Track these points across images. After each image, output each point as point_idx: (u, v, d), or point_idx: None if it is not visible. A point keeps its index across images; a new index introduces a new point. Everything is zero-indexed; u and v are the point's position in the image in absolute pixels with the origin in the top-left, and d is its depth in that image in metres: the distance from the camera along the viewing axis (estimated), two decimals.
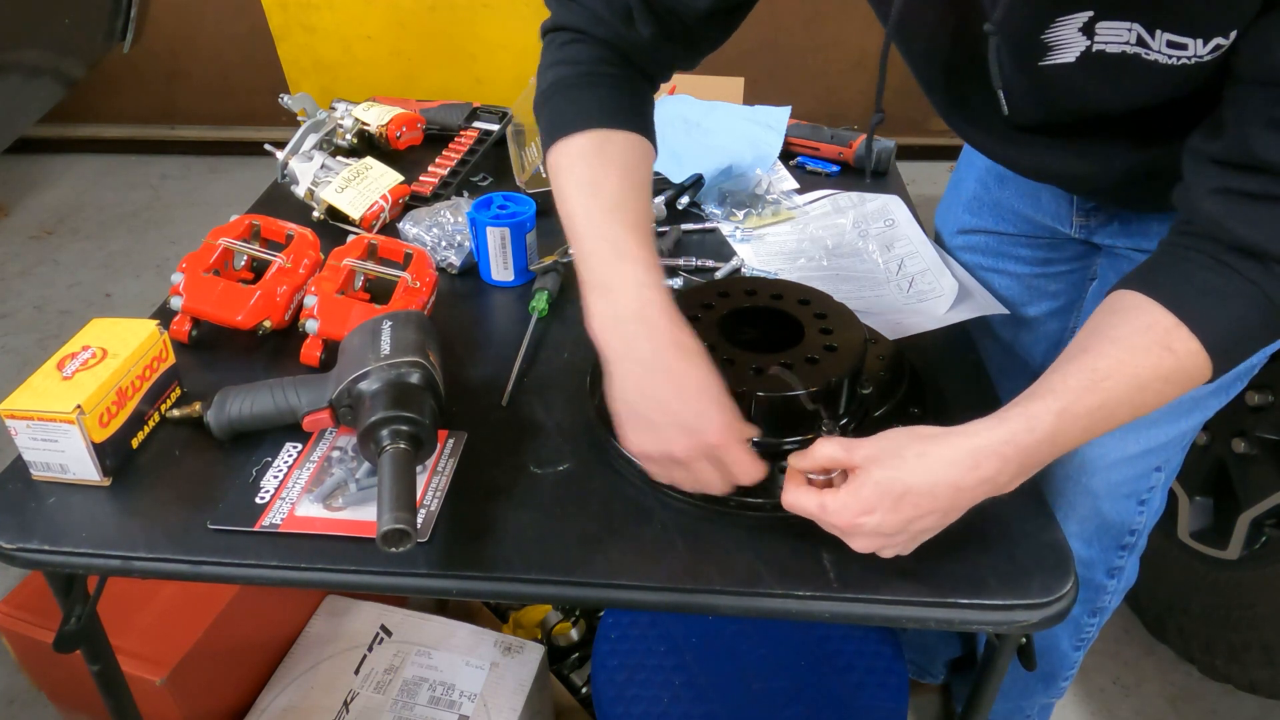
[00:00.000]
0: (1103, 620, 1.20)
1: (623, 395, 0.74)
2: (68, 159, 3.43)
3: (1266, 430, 1.43)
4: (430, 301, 1.04)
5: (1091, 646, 1.23)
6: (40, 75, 2.35)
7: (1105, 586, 1.15)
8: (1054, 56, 0.74)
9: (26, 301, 2.65)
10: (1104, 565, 1.12)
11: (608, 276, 0.76)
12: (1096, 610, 1.18)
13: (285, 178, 1.26)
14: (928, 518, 0.69)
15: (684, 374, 0.72)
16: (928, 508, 0.68)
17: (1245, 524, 1.46)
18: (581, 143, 0.81)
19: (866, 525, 0.68)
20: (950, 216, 1.22)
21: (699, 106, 1.49)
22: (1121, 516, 1.08)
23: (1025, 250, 1.14)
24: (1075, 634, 1.21)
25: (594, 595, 0.75)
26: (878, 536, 0.70)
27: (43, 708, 1.53)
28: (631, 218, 0.78)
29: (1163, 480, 1.06)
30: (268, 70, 2.40)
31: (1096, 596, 1.16)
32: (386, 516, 0.68)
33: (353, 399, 0.81)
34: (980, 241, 1.17)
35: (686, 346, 0.73)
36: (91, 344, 0.83)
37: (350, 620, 1.31)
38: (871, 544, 0.71)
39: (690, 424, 0.71)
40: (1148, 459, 1.03)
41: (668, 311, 0.74)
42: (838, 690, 1.17)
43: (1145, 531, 1.11)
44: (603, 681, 1.18)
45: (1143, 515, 1.09)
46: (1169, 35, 0.66)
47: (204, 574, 0.77)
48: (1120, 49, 0.69)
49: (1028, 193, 1.09)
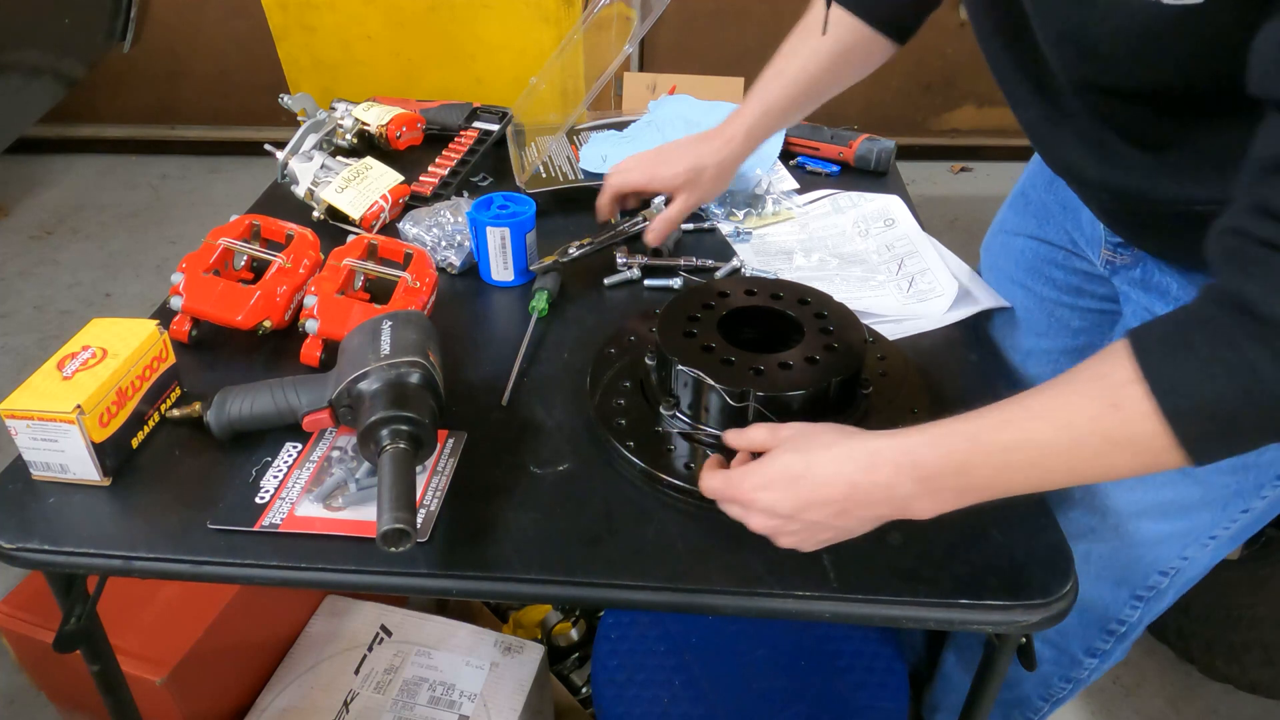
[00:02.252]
0: (1077, 689, 1.13)
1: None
2: (68, 159, 3.43)
3: None
4: (430, 301, 1.04)
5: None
6: (40, 75, 2.35)
7: (1081, 662, 1.08)
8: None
9: (26, 301, 2.65)
10: (1081, 642, 1.06)
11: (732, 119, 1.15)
12: (1070, 679, 1.11)
13: (285, 178, 1.26)
14: (822, 509, 0.68)
15: (692, 151, 1.17)
16: (822, 497, 0.67)
17: None
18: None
19: (761, 500, 0.70)
20: (1000, 215, 1.20)
21: (699, 106, 1.49)
22: (1106, 603, 1.01)
23: (1059, 273, 1.09)
24: (1043, 687, 1.14)
25: (594, 595, 0.75)
26: (773, 516, 0.70)
27: (43, 708, 1.53)
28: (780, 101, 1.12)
29: (1169, 584, 0.97)
30: (268, 70, 2.40)
31: (1072, 666, 1.09)
32: (386, 516, 0.68)
33: (352, 399, 0.81)
34: (1019, 247, 1.13)
35: (717, 150, 1.16)
36: (91, 344, 0.83)
37: (350, 620, 1.31)
38: (766, 524, 0.71)
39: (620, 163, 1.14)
40: (1147, 551, 0.95)
41: (744, 137, 1.14)
42: (838, 690, 1.17)
43: (1141, 625, 1.02)
44: (603, 681, 1.18)
45: (1138, 611, 1.01)
46: None
47: (204, 574, 0.77)
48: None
49: (1071, 205, 1.03)
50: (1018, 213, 1.15)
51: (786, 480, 0.69)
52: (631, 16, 1.37)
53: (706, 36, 3.30)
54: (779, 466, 0.70)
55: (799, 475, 0.68)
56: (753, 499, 0.70)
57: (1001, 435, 0.63)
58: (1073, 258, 1.08)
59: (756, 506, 0.71)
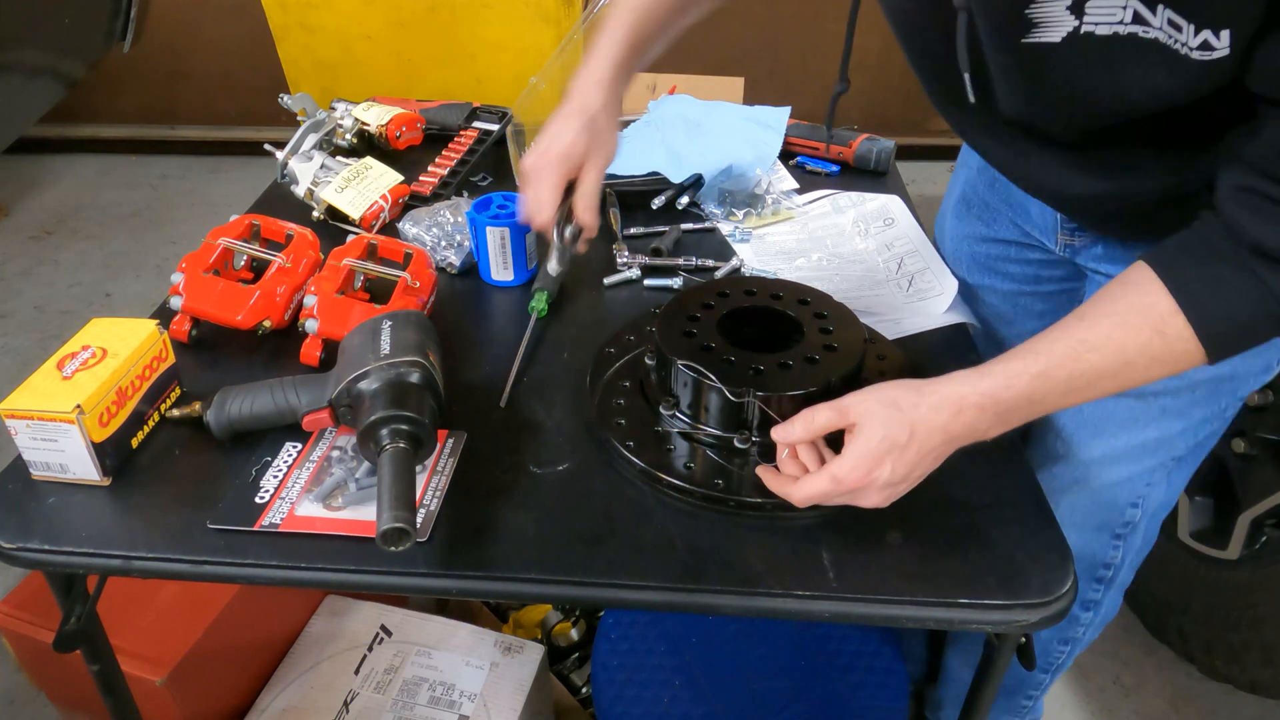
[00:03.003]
0: (1076, 650, 1.17)
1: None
2: (68, 159, 3.43)
3: (1266, 430, 1.43)
4: (430, 301, 1.04)
5: (1091, 646, 1.22)
6: (40, 75, 2.35)
7: (1078, 617, 1.13)
8: (1037, 35, 0.70)
9: (26, 301, 2.65)
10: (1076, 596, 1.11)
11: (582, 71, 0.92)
12: (1068, 639, 1.15)
13: (285, 178, 1.26)
14: (926, 461, 0.72)
15: (582, 126, 0.92)
16: (928, 450, 0.71)
17: (1245, 524, 1.46)
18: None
19: (881, 477, 0.70)
20: (943, 223, 1.21)
21: (699, 106, 1.49)
22: (1094, 550, 1.06)
23: (1015, 266, 1.11)
24: (1042, 657, 1.17)
25: (594, 595, 0.75)
26: (887, 486, 0.71)
27: (43, 707, 1.53)
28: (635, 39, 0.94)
29: (1141, 516, 1.04)
30: (268, 70, 2.39)
31: (1068, 625, 1.13)
32: (386, 515, 0.68)
33: (352, 398, 0.81)
34: (969, 252, 1.15)
35: (596, 123, 0.92)
36: (91, 344, 0.83)
37: (350, 620, 1.31)
38: (882, 496, 0.72)
39: (545, 144, 0.91)
40: (1117, 492, 1.01)
41: (605, 100, 0.92)
42: (838, 690, 1.17)
43: (1125, 567, 1.09)
44: (603, 681, 1.18)
45: (1118, 550, 1.06)
46: (1170, 13, 0.63)
47: (204, 574, 0.76)
48: (1112, 30, 0.66)
49: (1017, 201, 1.06)
50: (961, 218, 1.16)
51: (896, 450, 0.70)
52: None
53: (706, 36, 3.29)
54: (880, 439, 0.70)
55: (905, 441, 0.70)
56: (873, 479, 0.70)
57: (1066, 369, 0.71)
58: (1026, 250, 1.09)
59: (876, 486, 0.71)
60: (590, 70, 0.93)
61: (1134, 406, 0.96)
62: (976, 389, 0.71)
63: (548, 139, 0.89)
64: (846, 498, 0.72)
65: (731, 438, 0.83)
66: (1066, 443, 1.03)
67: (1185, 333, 0.69)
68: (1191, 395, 0.95)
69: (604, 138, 0.92)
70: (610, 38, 0.93)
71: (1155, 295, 0.70)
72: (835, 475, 0.71)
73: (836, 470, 0.71)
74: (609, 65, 0.92)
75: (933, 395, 0.71)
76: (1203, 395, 0.95)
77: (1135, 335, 0.70)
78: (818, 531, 0.78)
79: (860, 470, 0.70)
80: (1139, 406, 0.96)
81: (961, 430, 0.72)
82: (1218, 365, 0.80)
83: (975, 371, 0.72)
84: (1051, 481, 1.03)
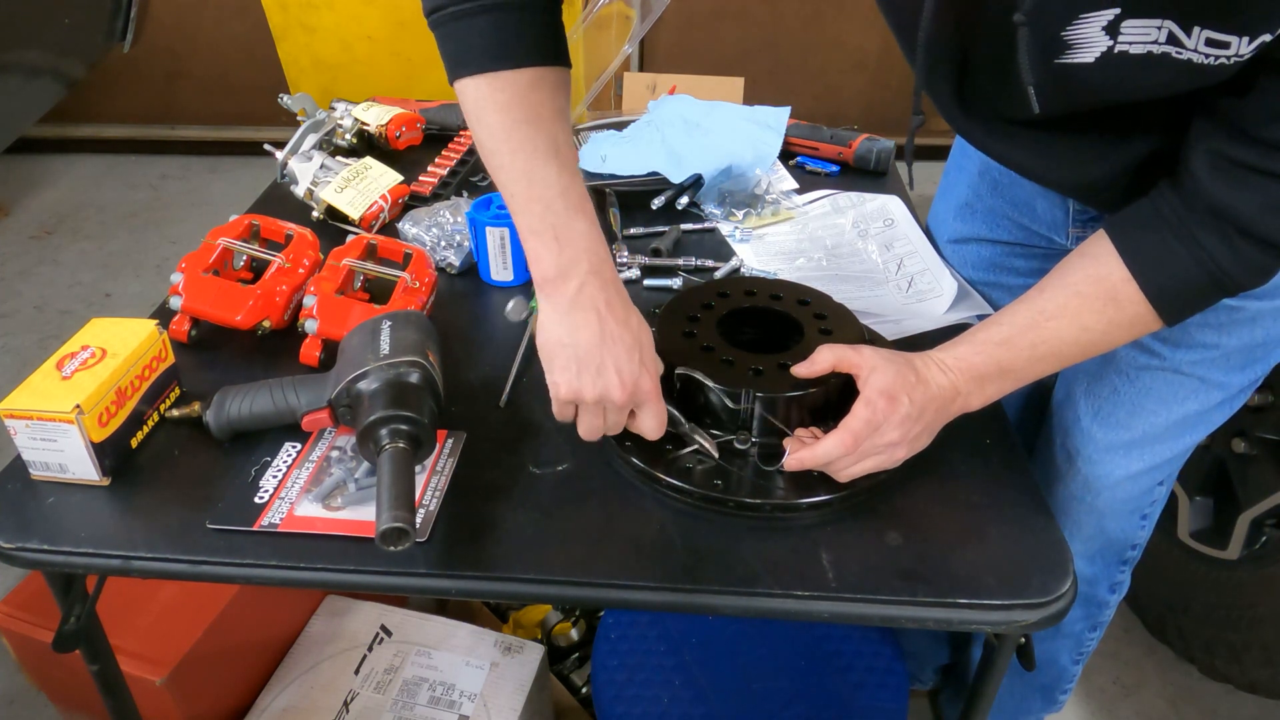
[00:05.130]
0: (1101, 633, 1.19)
1: (570, 336, 0.76)
2: (68, 159, 3.43)
3: (1266, 430, 1.43)
4: (429, 301, 1.04)
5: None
6: (40, 75, 2.35)
7: (1108, 602, 1.14)
8: (1071, 55, 0.69)
9: (26, 301, 2.65)
10: (1106, 581, 1.12)
11: (560, 226, 0.76)
12: (1097, 625, 1.17)
13: (285, 177, 1.26)
14: (931, 408, 0.77)
15: (632, 325, 0.78)
16: (933, 395, 0.77)
17: (1245, 524, 1.46)
18: (515, 82, 0.77)
19: (902, 409, 0.75)
20: (942, 224, 1.20)
21: (699, 106, 1.49)
22: (1125, 533, 1.07)
23: (1021, 261, 1.11)
24: (1075, 648, 1.20)
25: (592, 595, 0.75)
26: (906, 422, 0.76)
27: (43, 708, 1.53)
28: (571, 165, 0.78)
29: (1163, 494, 1.06)
30: (268, 70, 2.40)
31: (1099, 612, 1.15)
32: (385, 515, 0.68)
33: (352, 398, 0.81)
34: (974, 253, 1.15)
35: (630, 304, 0.79)
36: (91, 344, 0.83)
37: (350, 620, 1.31)
38: (900, 433, 0.76)
39: (633, 369, 0.76)
40: (1152, 475, 1.02)
41: (613, 268, 0.79)
42: (838, 690, 1.17)
43: (1144, 545, 1.11)
44: (603, 681, 1.18)
45: (1144, 530, 1.08)
46: (1209, 32, 0.62)
47: (203, 574, 0.77)
48: (1146, 49, 0.65)
49: (1022, 201, 1.06)
50: (965, 221, 1.15)
51: (909, 386, 0.76)
52: (631, 16, 1.38)
53: (706, 36, 3.31)
54: (895, 373, 0.76)
55: (915, 380, 0.77)
56: (894, 409, 0.75)
57: (1028, 336, 0.78)
58: (1031, 249, 1.09)
59: (898, 416, 0.76)
60: (578, 266, 0.77)
61: (1173, 380, 0.96)
62: (950, 353, 0.79)
63: (651, 360, 0.79)
64: (874, 448, 0.76)
65: (730, 439, 0.83)
66: (1104, 427, 1.02)
67: (1137, 297, 0.75)
68: (1227, 363, 0.94)
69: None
70: (583, 200, 0.78)
71: (1109, 263, 0.76)
72: (868, 398, 0.75)
73: (869, 392, 0.76)
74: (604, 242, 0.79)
75: (916, 358, 0.79)
76: (1238, 363, 0.94)
77: (1090, 302, 0.76)
78: (817, 531, 0.78)
79: (886, 397, 0.75)
80: (1177, 380, 0.96)
81: (949, 388, 0.78)
82: (1251, 331, 0.88)
83: (949, 343, 0.80)
84: (1090, 469, 1.03)
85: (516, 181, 0.77)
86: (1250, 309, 0.88)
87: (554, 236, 0.76)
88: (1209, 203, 0.71)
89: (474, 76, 0.76)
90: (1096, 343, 0.78)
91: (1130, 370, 0.97)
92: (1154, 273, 0.74)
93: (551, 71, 0.79)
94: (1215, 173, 0.71)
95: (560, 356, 0.77)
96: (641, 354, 0.77)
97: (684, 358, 0.84)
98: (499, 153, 0.77)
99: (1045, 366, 0.79)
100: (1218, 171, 0.70)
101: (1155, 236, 0.74)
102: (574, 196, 0.77)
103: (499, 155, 0.77)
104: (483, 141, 0.78)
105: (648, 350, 0.78)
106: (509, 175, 0.77)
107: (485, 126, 0.77)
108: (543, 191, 0.76)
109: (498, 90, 0.76)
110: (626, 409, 0.78)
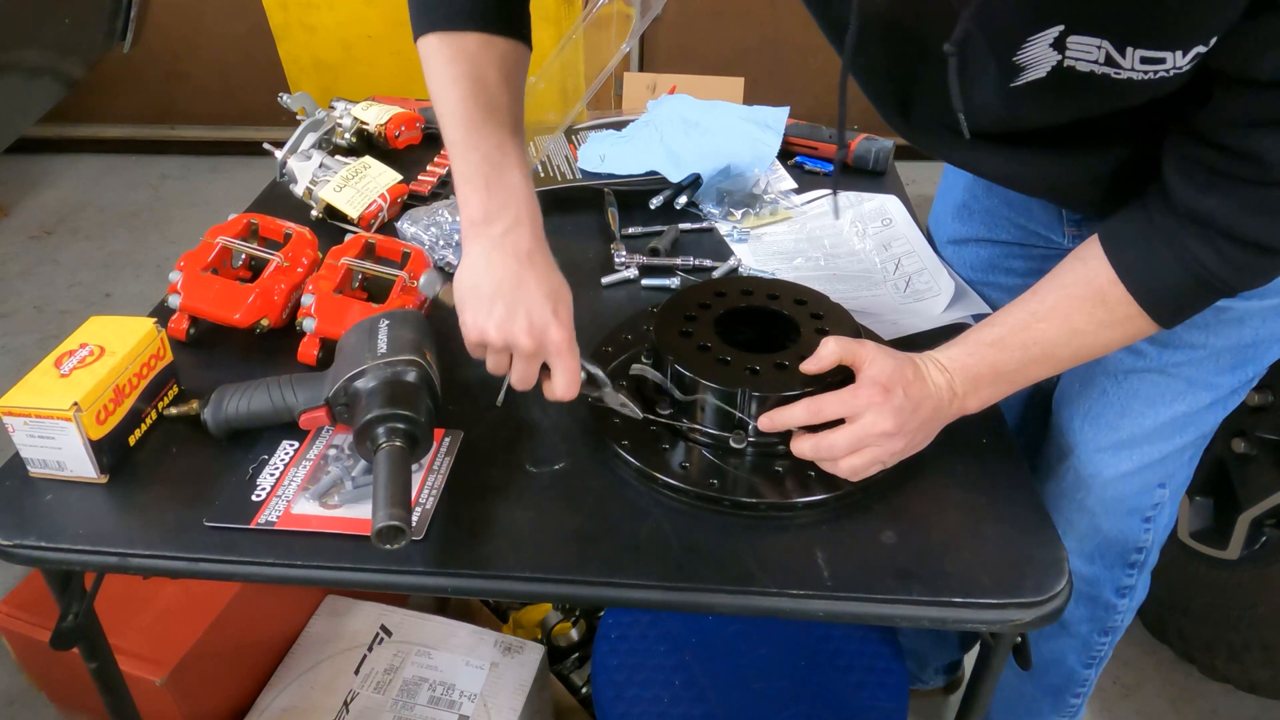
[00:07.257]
0: (1115, 639, 1.18)
1: (486, 276, 0.77)
2: (68, 159, 3.44)
3: (1266, 430, 1.43)
4: (427, 301, 1.04)
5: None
6: (40, 75, 2.35)
7: (1115, 605, 1.13)
8: (1025, 76, 0.70)
9: (26, 301, 2.66)
10: (1111, 584, 1.11)
11: (491, 175, 0.79)
12: (1108, 629, 1.16)
13: (284, 177, 1.26)
14: (925, 407, 0.77)
15: (552, 281, 0.78)
16: (928, 393, 0.77)
17: (1245, 524, 1.46)
18: (465, 43, 0.83)
19: (895, 400, 0.75)
20: (941, 225, 1.20)
21: (697, 106, 1.49)
22: (1125, 534, 1.06)
23: (1019, 262, 1.11)
24: (1084, 652, 1.19)
25: (588, 593, 0.75)
26: (900, 414, 0.75)
27: (43, 708, 1.53)
28: (513, 127, 0.82)
29: (1168, 496, 1.05)
30: (268, 70, 2.40)
31: (1107, 615, 1.14)
32: (381, 513, 0.68)
33: (349, 397, 0.81)
34: (972, 253, 1.15)
35: (554, 264, 0.80)
36: (89, 341, 0.83)
37: (350, 620, 1.32)
38: (895, 424, 0.75)
39: (543, 318, 0.76)
40: (1145, 475, 1.02)
41: (541, 227, 0.80)
42: (838, 690, 1.17)
43: (1155, 548, 1.09)
44: (603, 681, 1.18)
45: (1149, 532, 1.07)
46: (1142, 51, 0.63)
47: (200, 571, 0.77)
48: (1089, 69, 0.66)
49: (1018, 201, 1.06)
50: (964, 222, 1.15)
51: (904, 381, 0.76)
52: (631, 14, 1.38)
53: (706, 36, 3.31)
54: (892, 366, 0.76)
55: (912, 376, 0.77)
56: (886, 399, 0.75)
57: (1019, 337, 0.78)
58: (1029, 249, 1.09)
59: (891, 405, 0.75)
60: (509, 211, 0.79)
61: (1159, 382, 0.96)
62: (944, 355, 0.80)
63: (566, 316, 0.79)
64: (869, 436, 0.76)
65: (727, 437, 0.83)
66: (1094, 428, 1.03)
67: (1125, 298, 0.75)
68: (1216, 364, 0.95)
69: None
70: (518, 155, 0.82)
71: (1097, 267, 0.76)
72: (860, 383, 0.76)
73: (862, 378, 0.76)
74: (528, 212, 0.80)
75: (916, 357, 0.79)
76: (1228, 364, 0.95)
77: (1079, 305, 0.77)
78: (812, 530, 0.78)
79: (879, 386, 0.75)
80: (1164, 382, 0.96)
81: (946, 388, 0.78)
82: (1239, 332, 0.89)
83: (943, 345, 0.81)
84: (1081, 468, 1.03)
85: (456, 130, 0.81)
86: (1238, 309, 0.89)
87: (484, 184, 0.79)
88: (1186, 208, 0.72)
89: (429, 34, 0.82)
90: (1089, 344, 0.79)
91: (1118, 372, 0.98)
92: (1141, 275, 0.75)
93: (504, 41, 0.84)
94: (1186, 178, 0.72)
95: (472, 297, 0.78)
96: (556, 307, 0.77)
97: (681, 357, 0.84)
98: (445, 102, 0.82)
99: (1039, 369, 0.79)
100: (1188, 177, 0.72)
101: (1141, 240, 0.75)
102: (511, 151, 0.80)
103: (443, 105, 0.82)
104: (434, 97, 0.83)
105: (564, 307, 0.78)
106: (450, 125, 0.82)
107: (437, 81, 0.82)
108: (479, 143, 0.80)
109: (448, 46, 0.82)
110: (535, 360, 0.78)
